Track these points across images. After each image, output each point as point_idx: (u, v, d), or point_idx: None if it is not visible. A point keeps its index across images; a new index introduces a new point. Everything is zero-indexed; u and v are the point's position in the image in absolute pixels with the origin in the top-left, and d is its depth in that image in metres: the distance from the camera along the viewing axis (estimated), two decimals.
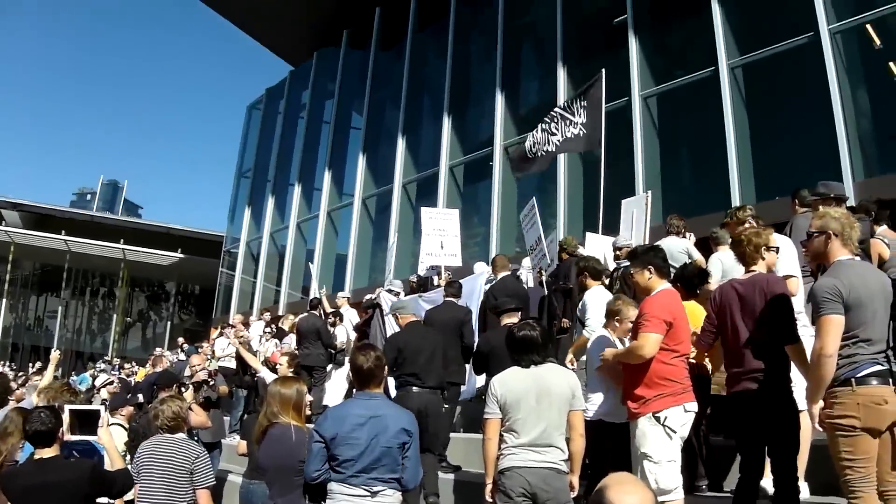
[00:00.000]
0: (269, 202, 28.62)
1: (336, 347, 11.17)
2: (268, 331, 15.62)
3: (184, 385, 7.86)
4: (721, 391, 4.98)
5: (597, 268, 6.92)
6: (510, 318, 6.39)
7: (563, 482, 4.19)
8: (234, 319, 17.47)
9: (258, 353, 12.44)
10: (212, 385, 9.19)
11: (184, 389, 7.52)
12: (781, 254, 4.84)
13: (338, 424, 3.94)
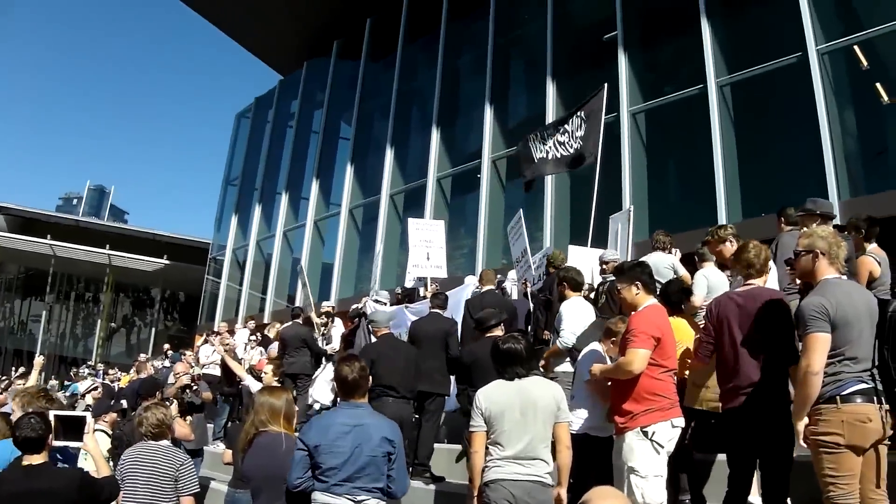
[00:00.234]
0: (256, 210, 28.52)
1: (326, 353, 11.09)
2: (253, 339, 15.59)
3: (167, 399, 7.80)
4: (703, 406, 4.94)
5: (576, 279, 6.96)
6: (495, 331, 6.38)
7: (548, 495, 4.18)
8: (219, 327, 17.41)
9: (243, 361, 12.38)
10: (195, 390, 9.13)
11: (168, 403, 7.45)
12: None
13: (322, 433, 3.95)
